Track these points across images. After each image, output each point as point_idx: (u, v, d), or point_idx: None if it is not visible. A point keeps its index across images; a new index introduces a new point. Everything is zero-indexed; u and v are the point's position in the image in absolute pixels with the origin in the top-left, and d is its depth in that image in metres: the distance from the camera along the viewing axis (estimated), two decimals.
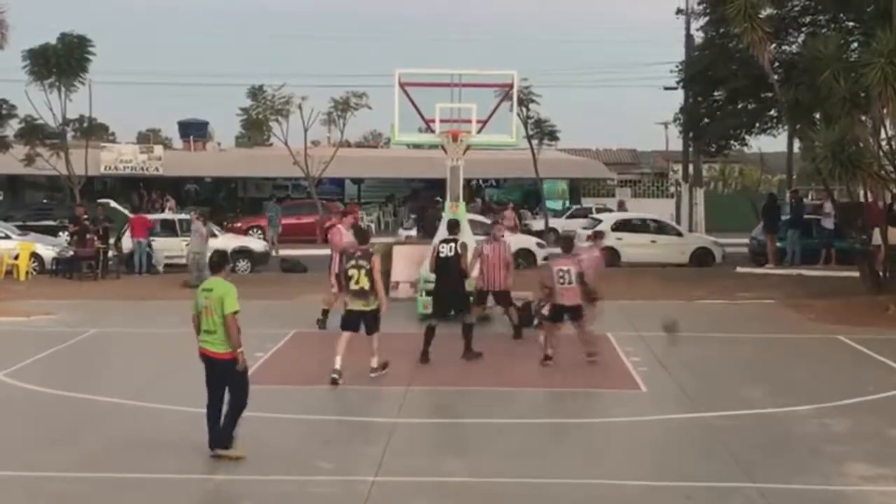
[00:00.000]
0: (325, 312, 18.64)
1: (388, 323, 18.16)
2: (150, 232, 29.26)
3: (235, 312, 10.72)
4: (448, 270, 16.31)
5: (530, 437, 12.01)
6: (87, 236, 27.50)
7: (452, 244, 16.52)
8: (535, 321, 18.89)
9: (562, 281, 15.61)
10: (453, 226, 17.45)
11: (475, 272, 17.28)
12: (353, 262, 14.58)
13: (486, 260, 17.22)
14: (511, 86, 21.84)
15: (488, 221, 29.16)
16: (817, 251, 30.77)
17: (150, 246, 28.84)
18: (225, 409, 10.89)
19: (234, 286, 10.95)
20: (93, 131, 44.60)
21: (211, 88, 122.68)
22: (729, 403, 13.50)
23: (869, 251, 24.45)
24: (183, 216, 32.04)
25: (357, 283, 14.44)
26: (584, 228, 32.92)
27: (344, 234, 19.00)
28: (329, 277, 18.89)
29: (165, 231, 30.14)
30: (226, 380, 10.83)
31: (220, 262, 11.38)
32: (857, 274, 24.77)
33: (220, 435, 10.83)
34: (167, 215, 34.44)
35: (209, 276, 11.37)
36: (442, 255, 16.43)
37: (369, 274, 14.40)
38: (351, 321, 14.58)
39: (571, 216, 43.80)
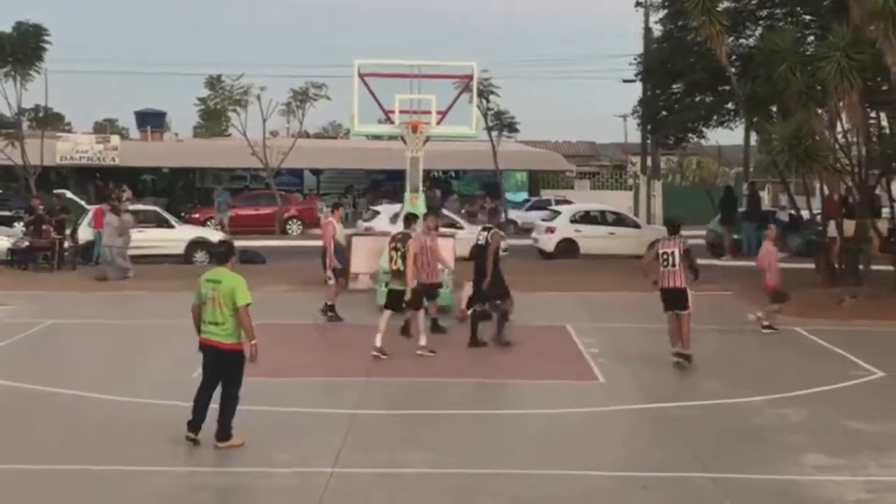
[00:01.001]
0: (332, 307, 18.59)
1: (348, 313, 18.24)
2: None
3: (248, 304, 10.65)
4: (482, 258, 16.52)
5: (489, 429, 12.05)
6: (43, 227, 27.17)
7: (486, 233, 16.71)
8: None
9: (665, 264, 15.30)
10: (494, 212, 17.56)
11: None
12: (393, 245, 15.54)
13: (427, 252, 16.21)
14: (470, 77, 21.80)
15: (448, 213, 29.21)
16: None
17: None
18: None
19: (242, 277, 10.90)
20: (49, 121, 44.10)
21: (169, 78, 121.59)
22: (686, 394, 13.64)
23: (824, 243, 24.71)
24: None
25: (395, 263, 15.39)
26: (543, 220, 33.10)
27: (337, 228, 18.99)
28: (325, 271, 18.78)
29: None
30: (226, 370, 10.81)
31: (227, 253, 11.32)
32: (812, 266, 25.01)
33: (198, 423, 10.78)
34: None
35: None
36: (479, 242, 16.72)
37: (405, 257, 15.22)
38: (391, 300, 15.55)
39: (531, 208, 43.86)
